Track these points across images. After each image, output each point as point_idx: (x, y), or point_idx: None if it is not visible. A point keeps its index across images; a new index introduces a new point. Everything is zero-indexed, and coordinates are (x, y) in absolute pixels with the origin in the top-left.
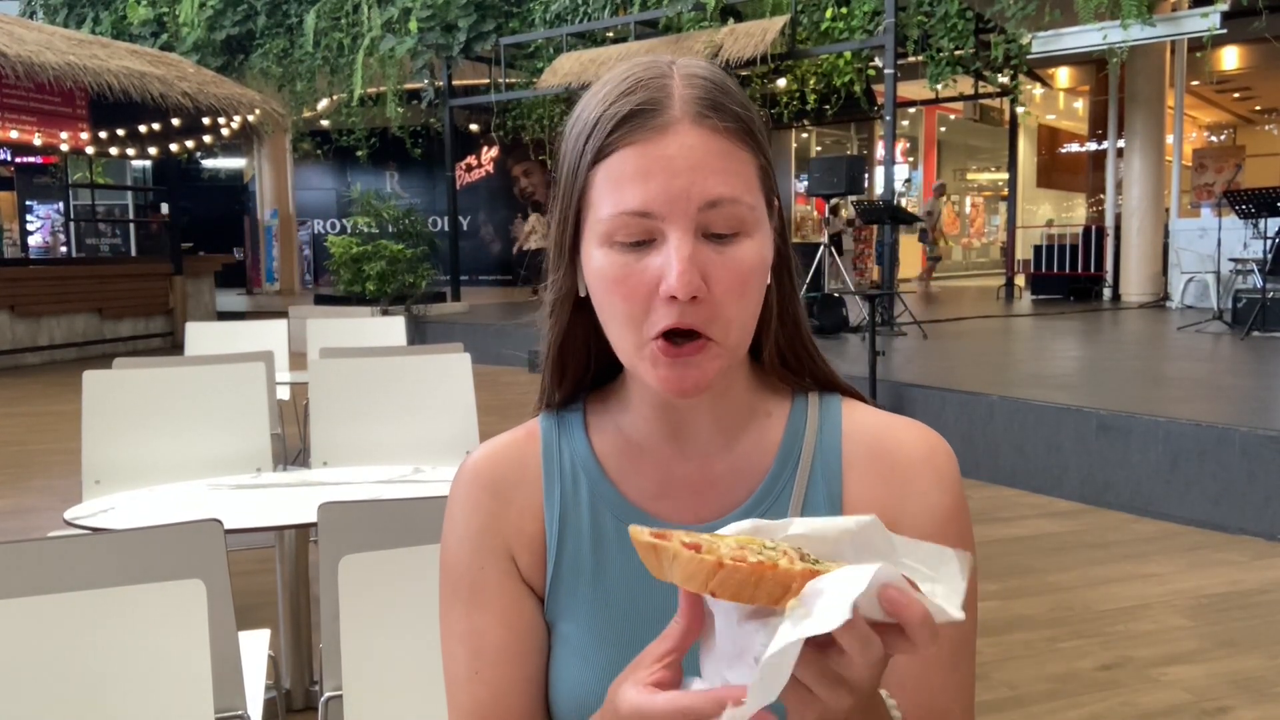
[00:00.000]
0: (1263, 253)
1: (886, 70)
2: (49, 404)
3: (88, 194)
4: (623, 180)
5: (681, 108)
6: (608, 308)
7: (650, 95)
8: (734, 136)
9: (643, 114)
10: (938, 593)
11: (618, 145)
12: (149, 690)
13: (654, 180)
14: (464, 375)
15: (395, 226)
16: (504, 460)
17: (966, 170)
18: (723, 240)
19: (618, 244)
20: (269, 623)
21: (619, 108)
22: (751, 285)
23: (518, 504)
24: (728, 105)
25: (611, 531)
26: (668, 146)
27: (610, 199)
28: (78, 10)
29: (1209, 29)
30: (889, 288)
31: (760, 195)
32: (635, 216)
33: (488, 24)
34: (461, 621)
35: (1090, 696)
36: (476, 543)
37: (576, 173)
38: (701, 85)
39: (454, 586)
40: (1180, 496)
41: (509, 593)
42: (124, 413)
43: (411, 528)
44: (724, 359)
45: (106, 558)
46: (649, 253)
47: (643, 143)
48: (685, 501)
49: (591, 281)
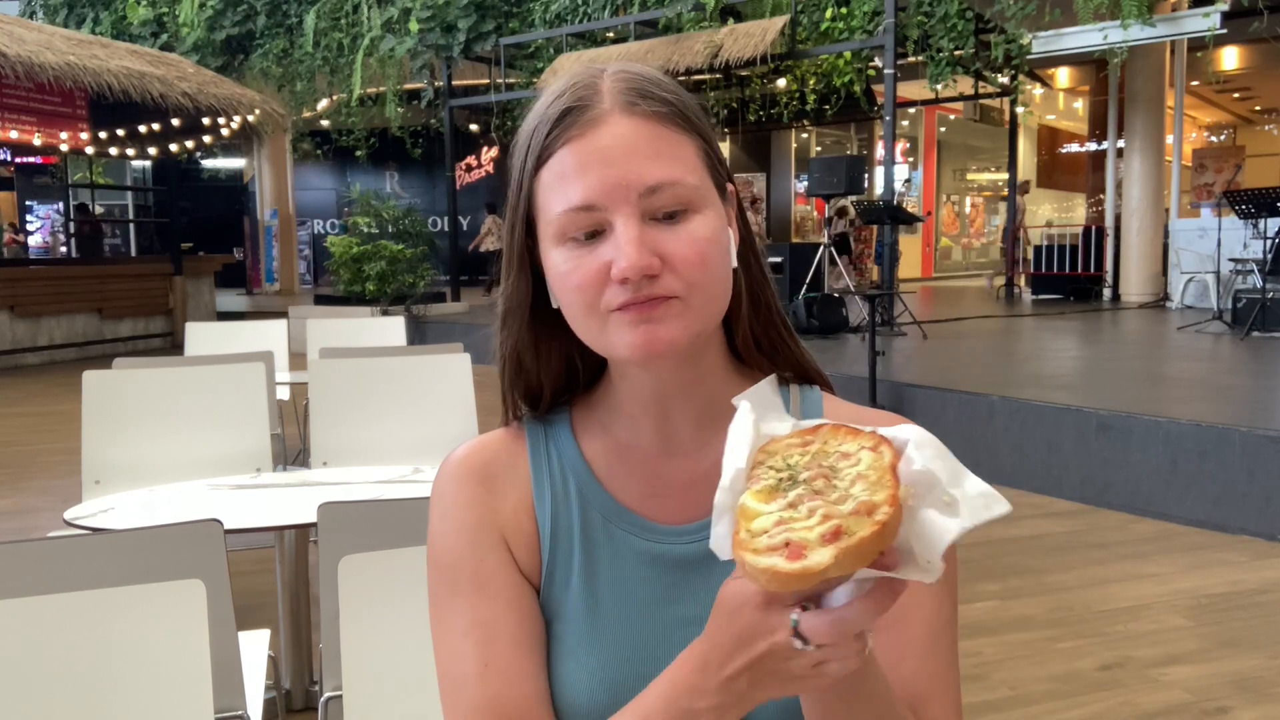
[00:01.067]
0: (1263, 253)
1: (886, 70)
2: (49, 404)
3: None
4: (564, 178)
5: (610, 100)
6: (569, 304)
7: (580, 94)
8: (665, 120)
9: (574, 110)
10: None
11: (555, 146)
12: (149, 690)
13: (591, 173)
14: (464, 375)
15: (395, 226)
16: (493, 456)
17: (966, 170)
18: (672, 219)
19: (570, 241)
20: (269, 623)
21: (552, 110)
22: (710, 254)
23: (511, 499)
24: (655, 92)
25: (601, 533)
26: (600, 138)
27: (556, 199)
28: (78, 10)
29: (1209, 29)
30: (889, 288)
31: (705, 175)
32: (580, 211)
33: (488, 24)
34: (466, 615)
35: (1090, 696)
36: (475, 533)
37: (521, 182)
38: (629, 78)
39: (453, 582)
40: (1180, 496)
41: (514, 582)
42: (124, 413)
43: (411, 528)
44: (689, 319)
45: (106, 558)
46: (599, 244)
47: (577, 139)
48: (673, 500)
49: (553, 283)
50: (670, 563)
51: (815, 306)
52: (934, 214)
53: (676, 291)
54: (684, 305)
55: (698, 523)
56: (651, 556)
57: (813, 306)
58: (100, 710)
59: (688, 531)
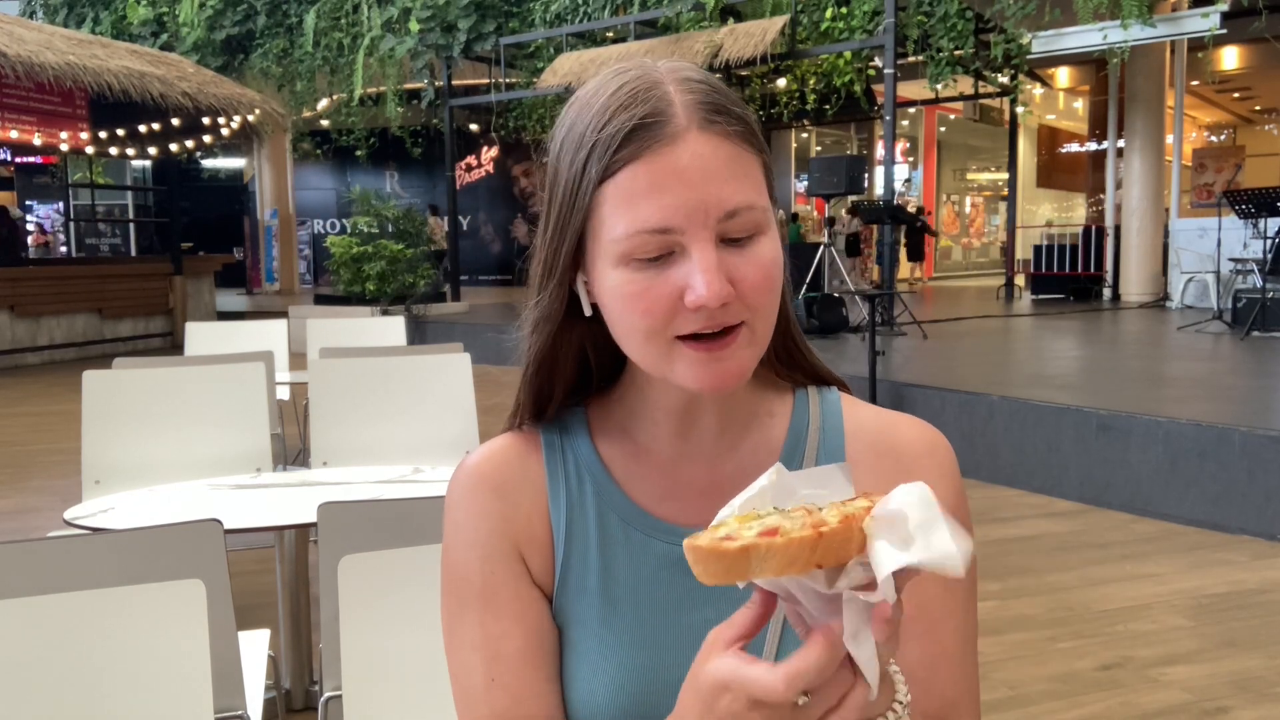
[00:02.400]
0: (1263, 253)
1: (886, 70)
2: (49, 404)
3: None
4: (635, 197)
5: (686, 115)
6: (626, 324)
7: (652, 106)
8: (740, 140)
9: (648, 127)
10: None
11: (625, 162)
12: (149, 690)
13: (669, 194)
14: (464, 375)
15: (395, 226)
16: (506, 462)
17: (966, 170)
18: (741, 243)
19: (635, 261)
20: (269, 623)
21: (621, 123)
22: (775, 279)
23: (524, 506)
24: (730, 108)
25: (619, 535)
26: (679, 158)
27: (624, 218)
28: (78, 10)
29: (1209, 29)
30: (889, 288)
31: (767, 194)
32: (654, 234)
33: (488, 24)
34: (474, 629)
35: (1090, 696)
36: (486, 547)
37: (578, 193)
38: (700, 90)
39: (463, 594)
40: (1180, 496)
41: (523, 596)
42: (124, 413)
43: (411, 528)
44: (755, 347)
45: (106, 558)
46: (669, 266)
47: (651, 157)
48: (692, 504)
49: (608, 301)
50: (687, 565)
51: (815, 306)
52: (934, 214)
53: (744, 318)
54: (750, 333)
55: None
56: (671, 559)
57: (813, 306)
58: (100, 710)
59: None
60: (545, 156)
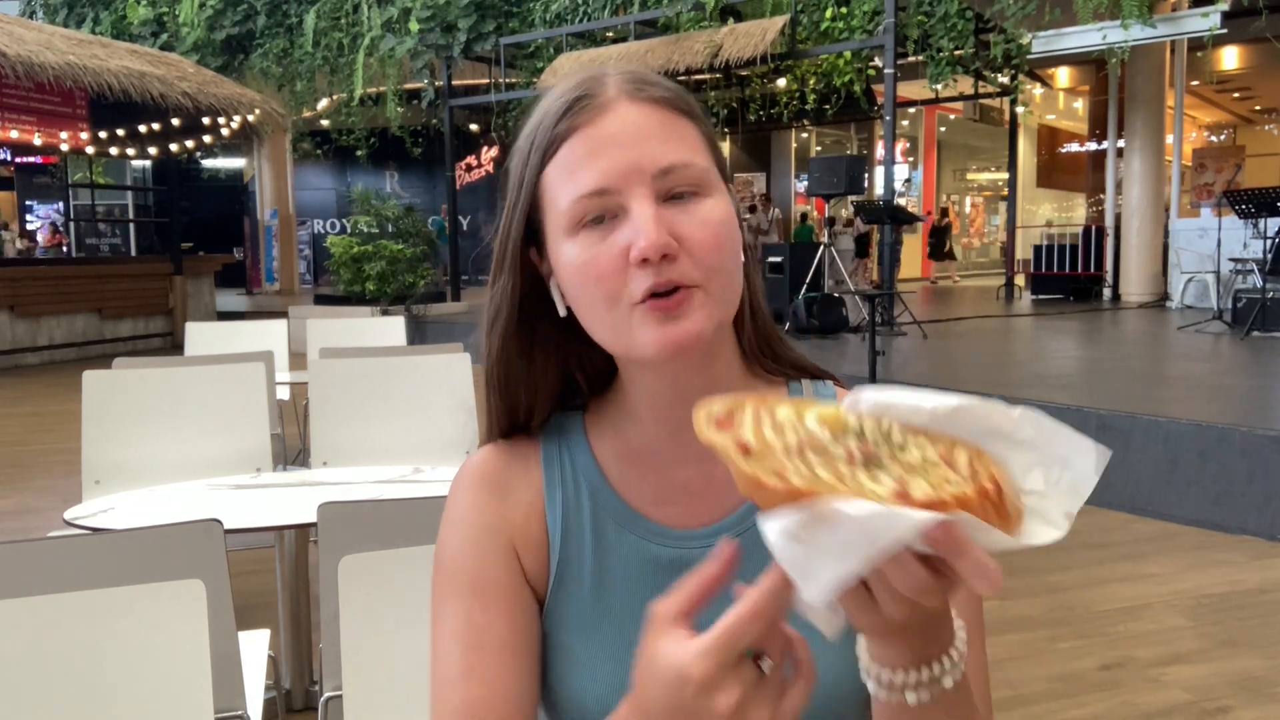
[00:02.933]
0: (1263, 253)
1: (886, 70)
2: (49, 404)
3: (88, 194)
4: (575, 166)
5: (615, 89)
6: (585, 296)
7: (585, 86)
8: (670, 107)
9: (580, 99)
10: (1045, 507)
11: (563, 137)
12: (149, 690)
13: (604, 157)
14: (464, 375)
15: (395, 226)
16: (507, 464)
17: (966, 170)
18: (684, 199)
19: (584, 228)
20: (269, 623)
21: (557, 104)
22: (724, 237)
23: (522, 505)
24: (659, 83)
25: (613, 539)
26: (609, 124)
27: (567, 188)
28: (78, 10)
29: (1209, 29)
30: (889, 288)
31: (711, 161)
32: (594, 197)
33: (488, 24)
34: (459, 617)
35: (1090, 696)
36: (481, 541)
37: (524, 179)
38: (630, 72)
39: (453, 583)
40: (1180, 496)
41: (513, 591)
42: (124, 413)
43: (411, 528)
44: (711, 308)
45: (106, 558)
46: (614, 230)
47: (586, 126)
48: (687, 506)
49: (566, 278)
50: (685, 568)
51: (815, 306)
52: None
53: (695, 280)
54: (705, 295)
55: (712, 526)
56: (665, 562)
57: (813, 306)
58: (100, 710)
59: (702, 536)
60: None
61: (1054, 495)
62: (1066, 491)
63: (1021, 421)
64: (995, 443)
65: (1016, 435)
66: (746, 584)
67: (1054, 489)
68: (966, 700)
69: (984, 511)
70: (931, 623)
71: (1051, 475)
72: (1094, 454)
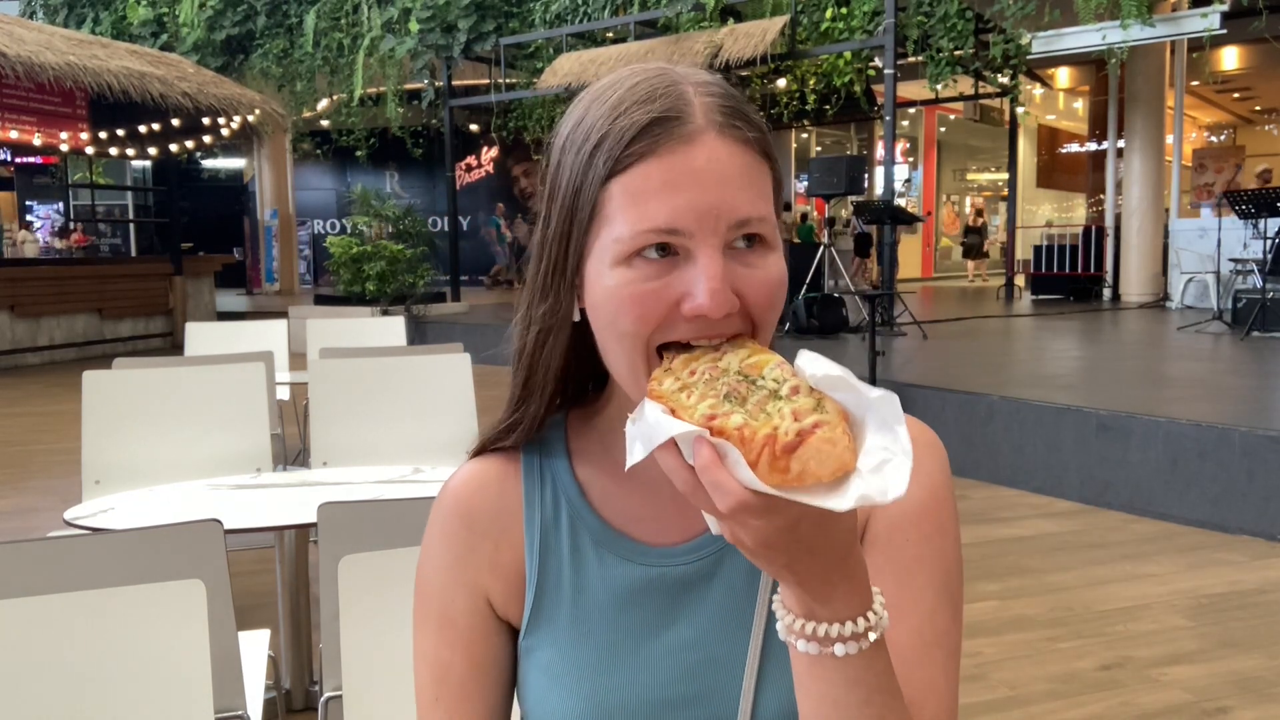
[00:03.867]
0: (1263, 253)
1: (886, 70)
2: (49, 404)
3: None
4: (647, 194)
5: (704, 116)
6: (613, 327)
7: (670, 104)
8: (755, 148)
9: (663, 123)
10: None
11: (639, 157)
12: (149, 690)
13: (680, 194)
14: (464, 375)
15: (395, 226)
16: (483, 487)
17: (966, 170)
18: (748, 256)
19: (638, 261)
20: (269, 623)
21: (635, 117)
22: (780, 299)
23: (493, 535)
24: (749, 115)
25: (592, 559)
26: (693, 159)
27: (630, 215)
28: (78, 10)
29: (1209, 29)
30: (889, 288)
31: (774, 209)
32: (661, 234)
33: (488, 24)
34: (429, 644)
35: (1090, 696)
36: (449, 573)
37: (583, 189)
38: (720, 94)
39: (425, 609)
40: (1180, 496)
41: (476, 628)
42: (124, 413)
43: (411, 528)
44: None
45: (106, 558)
46: (671, 270)
47: (667, 153)
48: (671, 521)
49: (599, 301)
50: (665, 585)
51: (815, 306)
52: (934, 214)
53: (739, 331)
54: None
55: (692, 541)
56: (645, 581)
57: (813, 306)
58: (100, 710)
59: (682, 552)
60: (547, 151)
61: (870, 478)
62: (888, 477)
63: (877, 403)
64: (877, 427)
65: (879, 416)
66: (726, 588)
67: (876, 474)
68: (870, 682)
69: (751, 453)
70: (817, 582)
71: (892, 461)
72: (908, 462)
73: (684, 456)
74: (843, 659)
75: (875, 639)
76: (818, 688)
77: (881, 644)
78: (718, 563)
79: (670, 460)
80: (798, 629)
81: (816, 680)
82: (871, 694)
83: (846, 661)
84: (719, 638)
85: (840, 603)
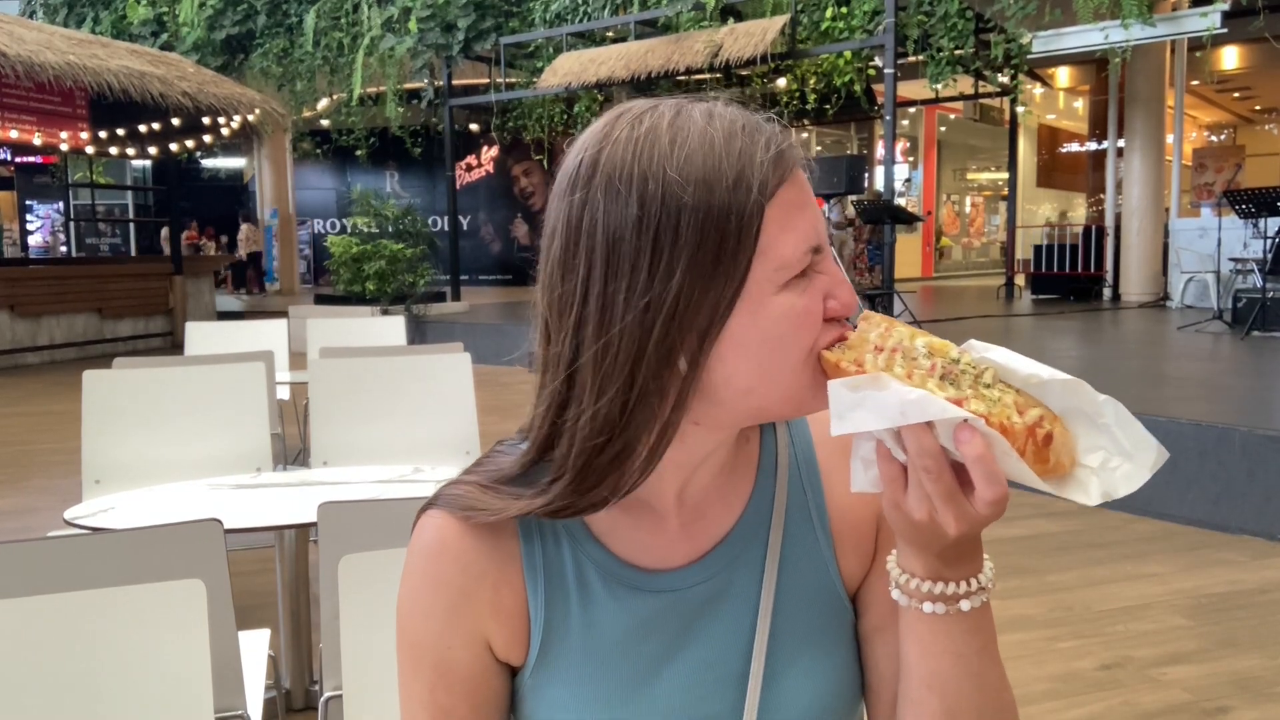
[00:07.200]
0: (1263, 252)
1: (886, 70)
2: (49, 404)
3: (88, 194)
4: (794, 214)
5: (785, 140)
6: (784, 354)
7: (780, 138)
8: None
9: (778, 139)
10: (1089, 480)
11: (781, 179)
12: (149, 690)
13: (810, 211)
14: (464, 375)
15: (395, 226)
16: (471, 527)
17: (966, 170)
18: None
19: (796, 281)
20: (269, 623)
21: (765, 144)
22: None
23: (491, 577)
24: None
25: (600, 591)
26: (801, 179)
27: (792, 236)
28: (78, 10)
29: (1209, 29)
30: (888, 288)
31: None
32: (814, 251)
33: (487, 24)
34: (424, 688)
35: (1090, 696)
36: (443, 622)
37: (742, 213)
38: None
39: (417, 657)
40: (1180, 496)
41: (477, 674)
42: (124, 413)
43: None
44: None
45: (106, 558)
46: (811, 284)
47: (793, 176)
48: (677, 546)
49: (766, 328)
50: (679, 610)
51: None
52: (934, 214)
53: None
54: None
55: (701, 560)
56: (658, 609)
57: None
58: (101, 710)
59: (693, 572)
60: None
61: (1103, 475)
62: (1117, 478)
63: (1104, 406)
64: (1075, 418)
65: (1096, 418)
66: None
67: (1105, 471)
68: (986, 630)
69: (1021, 445)
70: (952, 550)
71: (1111, 461)
72: (1154, 453)
73: (938, 438)
74: (967, 613)
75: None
76: (939, 644)
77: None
78: (729, 578)
79: (919, 440)
80: (924, 591)
81: (939, 636)
82: (986, 641)
83: (969, 615)
84: (737, 654)
85: (966, 564)
